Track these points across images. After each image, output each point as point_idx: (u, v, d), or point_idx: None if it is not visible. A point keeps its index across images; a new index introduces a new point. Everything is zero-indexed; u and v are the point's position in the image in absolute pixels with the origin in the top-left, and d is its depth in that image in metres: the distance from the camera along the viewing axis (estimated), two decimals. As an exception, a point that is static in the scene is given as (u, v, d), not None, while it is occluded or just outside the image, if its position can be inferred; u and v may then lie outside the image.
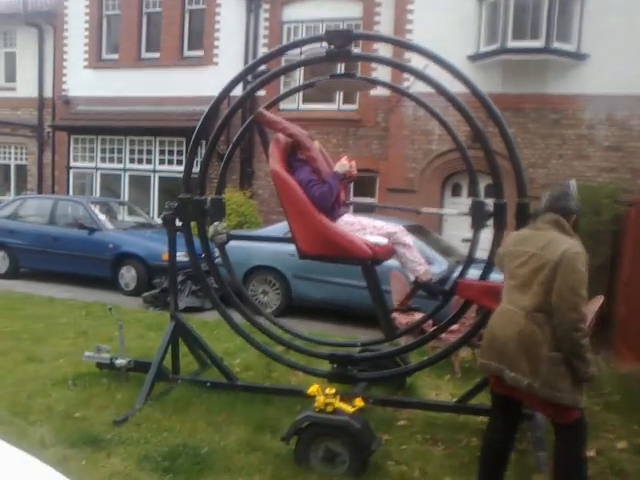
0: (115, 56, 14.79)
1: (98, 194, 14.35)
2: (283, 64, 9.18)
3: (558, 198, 3.31)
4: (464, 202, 10.26)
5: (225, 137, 11.51)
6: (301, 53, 9.88)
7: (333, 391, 3.92)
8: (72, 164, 14.70)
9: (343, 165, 4.78)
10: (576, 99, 10.47)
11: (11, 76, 16.05)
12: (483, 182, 8.11)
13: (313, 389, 3.98)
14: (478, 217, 4.72)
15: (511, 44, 10.52)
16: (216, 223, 5.24)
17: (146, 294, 9.21)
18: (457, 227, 10.14)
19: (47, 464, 1.71)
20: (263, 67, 7.59)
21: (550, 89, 10.63)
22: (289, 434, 3.88)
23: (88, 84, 14.65)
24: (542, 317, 3.05)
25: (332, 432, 3.81)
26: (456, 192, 11.68)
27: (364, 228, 4.72)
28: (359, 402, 3.95)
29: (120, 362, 5.30)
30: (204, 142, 5.61)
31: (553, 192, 3.36)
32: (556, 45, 10.36)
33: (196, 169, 5.76)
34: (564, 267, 3.01)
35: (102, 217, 11.08)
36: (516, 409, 3.38)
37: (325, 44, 4.66)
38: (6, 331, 7.10)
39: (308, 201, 4.57)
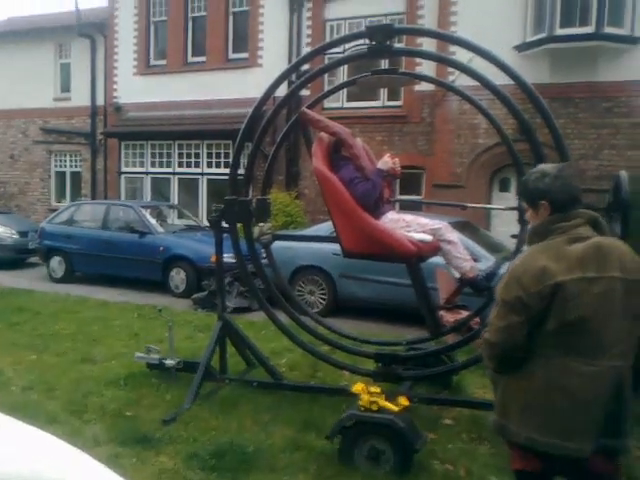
0: (163, 62, 15.12)
1: (149, 198, 14.71)
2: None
3: (573, 185, 2.37)
4: (512, 197, 10.03)
5: (271, 138, 11.58)
6: (344, 50, 9.85)
7: (378, 390, 3.90)
8: (123, 169, 15.14)
9: (386, 162, 4.74)
10: (630, 85, 10.09)
11: (66, 86, 16.63)
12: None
13: (357, 387, 3.97)
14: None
15: (559, 31, 10.24)
16: (261, 224, 5.28)
17: (195, 296, 9.37)
18: (506, 223, 9.89)
19: (100, 461, 1.77)
20: (306, 66, 7.60)
21: (601, 77, 10.28)
22: (333, 432, 3.88)
23: (137, 90, 15.02)
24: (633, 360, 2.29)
25: (377, 430, 3.79)
26: (504, 187, 11.43)
27: (408, 225, 4.66)
28: (404, 401, 3.91)
29: (169, 362, 5.40)
30: (250, 144, 5.69)
31: (560, 174, 2.37)
32: (607, 30, 10.02)
33: (242, 171, 5.81)
34: None
35: (152, 221, 11.32)
36: None
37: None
38: (64, 333, 7.36)
39: (351, 199, 4.55)
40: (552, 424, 2.22)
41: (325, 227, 7.81)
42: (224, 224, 5.31)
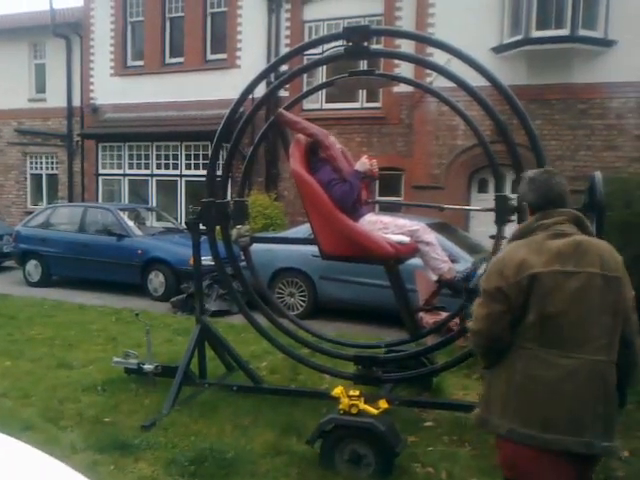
0: (140, 63, 14.97)
1: (126, 200, 14.56)
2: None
3: (549, 188, 2.49)
4: (491, 198, 10.09)
5: (250, 139, 11.52)
6: (323, 52, 9.83)
7: (357, 393, 3.89)
8: (100, 171, 14.98)
9: (364, 163, 4.74)
10: (604, 87, 10.23)
11: (41, 87, 16.39)
12: (512, 177, 7.95)
13: (337, 391, 3.95)
14: (501, 212, 4.63)
15: (535, 34, 10.35)
16: (239, 226, 5.25)
17: (174, 299, 9.29)
18: (484, 223, 9.94)
19: (76, 469, 1.73)
20: (285, 67, 7.57)
21: (576, 78, 10.41)
22: (314, 437, 3.86)
23: (114, 92, 14.85)
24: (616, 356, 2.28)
25: (357, 434, 3.78)
26: (483, 188, 11.51)
27: (386, 227, 4.67)
28: (384, 403, 3.90)
29: (147, 367, 5.34)
30: (228, 145, 5.67)
31: (534, 178, 2.53)
32: (582, 33, 10.15)
33: (220, 172, 5.77)
34: (628, 283, 2.34)
35: (130, 223, 11.20)
36: None
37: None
38: (39, 338, 7.24)
39: (329, 201, 4.55)
40: (531, 415, 2.24)
41: (304, 229, 7.77)
42: (201, 226, 5.27)
